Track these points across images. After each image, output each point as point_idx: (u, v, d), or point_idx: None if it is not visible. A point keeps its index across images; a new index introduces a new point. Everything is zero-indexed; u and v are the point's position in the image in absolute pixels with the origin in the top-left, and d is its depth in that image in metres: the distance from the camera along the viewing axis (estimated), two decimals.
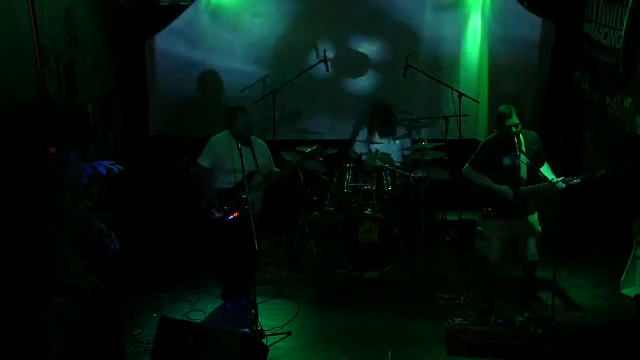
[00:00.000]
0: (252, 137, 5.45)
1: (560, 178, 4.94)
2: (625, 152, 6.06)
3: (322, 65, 7.07)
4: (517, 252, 5.33)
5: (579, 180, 4.90)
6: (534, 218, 5.23)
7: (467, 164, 5.28)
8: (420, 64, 7.12)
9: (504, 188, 5.09)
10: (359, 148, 6.91)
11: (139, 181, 6.94)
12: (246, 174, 5.14)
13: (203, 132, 5.85)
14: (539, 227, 5.23)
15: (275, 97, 6.93)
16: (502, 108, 5.10)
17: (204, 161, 5.36)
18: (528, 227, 5.20)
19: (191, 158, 5.59)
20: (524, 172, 5.11)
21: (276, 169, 5.64)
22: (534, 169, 5.11)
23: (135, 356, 4.86)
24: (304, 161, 5.93)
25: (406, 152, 6.82)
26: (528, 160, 5.06)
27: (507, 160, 5.11)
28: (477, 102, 7.09)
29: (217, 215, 5.27)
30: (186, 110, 7.45)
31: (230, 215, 5.21)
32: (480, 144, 5.43)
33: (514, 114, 5.00)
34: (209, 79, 7.42)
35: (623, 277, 5.73)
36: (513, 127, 4.99)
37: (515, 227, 5.22)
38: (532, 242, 5.22)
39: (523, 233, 5.23)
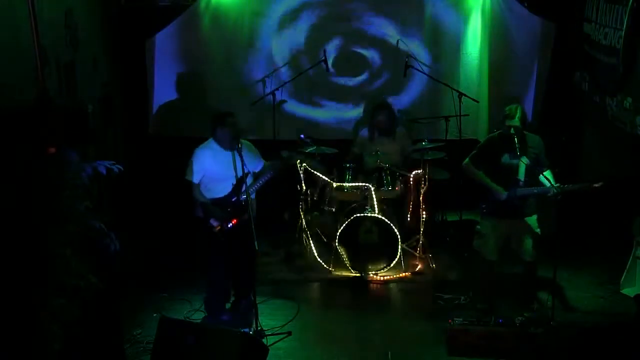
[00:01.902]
0: None
1: (557, 185, 4.94)
2: (625, 152, 6.06)
3: (322, 66, 7.07)
4: (516, 252, 5.32)
5: (576, 188, 4.92)
6: (532, 220, 5.21)
7: (467, 158, 5.29)
8: (420, 64, 7.12)
9: (497, 188, 5.10)
10: (359, 148, 6.91)
11: (139, 181, 6.94)
12: (239, 177, 5.10)
13: (203, 132, 5.83)
14: (538, 229, 5.22)
15: (275, 97, 6.93)
16: (507, 108, 5.10)
17: (192, 176, 5.12)
18: (525, 228, 5.19)
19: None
20: (522, 173, 5.11)
21: (266, 163, 5.48)
22: (532, 172, 5.11)
23: (135, 356, 4.85)
24: (289, 160, 5.71)
25: (406, 152, 6.83)
26: (528, 162, 5.06)
27: (505, 160, 5.12)
28: (477, 102, 7.09)
29: (215, 225, 5.13)
30: (186, 110, 7.46)
31: (229, 223, 5.18)
32: (484, 139, 5.43)
33: (516, 115, 5.01)
34: (209, 79, 7.43)
35: (623, 277, 5.73)
36: (512, 129, 5.00)
37: (511, 227, 5.22)
38: (528, 244, 5.20)
39: (519, 234, 5.21)
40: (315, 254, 6.49)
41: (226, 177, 5.14)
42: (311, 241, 6.57)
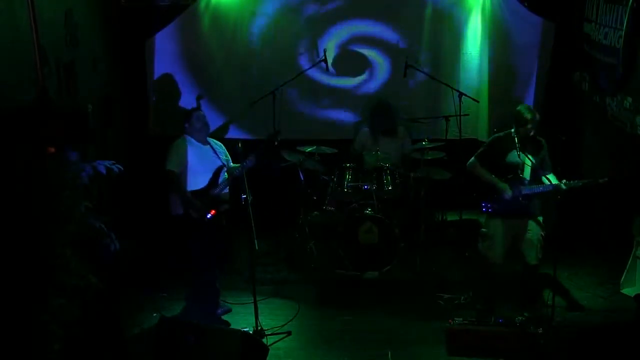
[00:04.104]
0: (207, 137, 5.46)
1: (563, 181, 4.94)
2: (625, 152, 6.06)
3: (322, 65, 7.07)
4: (519, 253, 5.31)
5: (581, 184, 4.93)
6: (537, 220, 5.20)
7: (473, 157, 5.26)
8: (421, 64, 7.12)
9: (503, 185, 5.09)
10: (360, 146, 6.91)
11: (139, 181, 6.94)
12: (215, 169, 5.24)
13: None
14: (544, 231, 5.17)
15: (275, 97, 6.93)
16: (525, 109, 5.06)
17: (173, 167, 5.24)
18: (531, 228, 5.19)
19: None
20: (527, 173, 5.11)
21: (233, 165, 5.55)
22: (537, 174, 5.10)
23: (135, 356, 4.85)
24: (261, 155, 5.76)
25: (406, 152, 6.83)
26: (534, 161, 5.05)
27: (510, 158, 5.11)
28: (477, 102, 7.09)
29: (195, 215, 5.21)
30: (186, 110, 7.45)
31: (208, 214, 5.20)
32: (490, 138, 5.40)
33: (537, 116, 5.01)
34: (209, 79, 7.42)
35: (623, 277, 5.73)
36: (533, 131, 4.99)
37: (518, 227, 5.19)
38: (533, 245, 5.19)
39: (525, 234, 5.21)
40: (315, 254, 6.49)
41: (205, 169, 5.28)
42: (311, 241, 6.57)
